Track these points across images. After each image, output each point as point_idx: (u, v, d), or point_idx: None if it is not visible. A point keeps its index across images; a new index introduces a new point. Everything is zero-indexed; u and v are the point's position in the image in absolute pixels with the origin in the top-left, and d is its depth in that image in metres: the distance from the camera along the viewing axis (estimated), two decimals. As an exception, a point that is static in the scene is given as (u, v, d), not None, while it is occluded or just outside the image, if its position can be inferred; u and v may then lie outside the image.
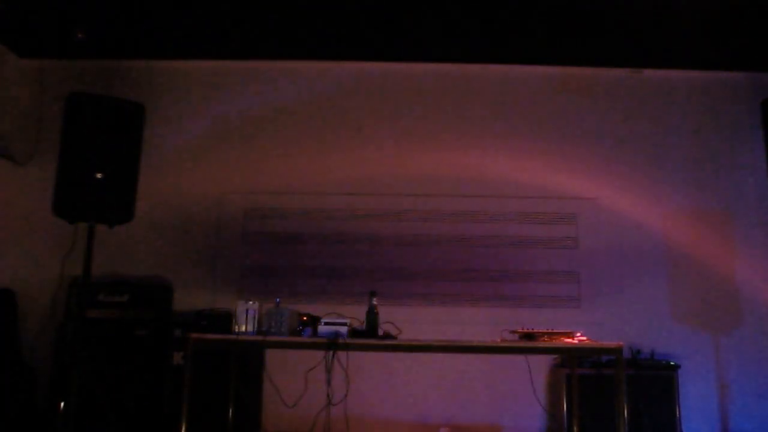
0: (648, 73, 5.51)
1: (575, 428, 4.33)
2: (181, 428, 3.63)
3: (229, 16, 4.83)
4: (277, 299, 3.89)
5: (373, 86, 5.53)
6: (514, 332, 3.85)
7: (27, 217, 5.26)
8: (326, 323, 3.70)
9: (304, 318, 3.87)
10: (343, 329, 3.65)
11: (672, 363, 4.75)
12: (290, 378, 4.53)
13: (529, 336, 3.78)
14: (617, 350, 3.64)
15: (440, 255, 5.25)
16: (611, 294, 5.16)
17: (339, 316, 3.79)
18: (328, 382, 3.75)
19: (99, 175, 3.74)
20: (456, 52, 5.34)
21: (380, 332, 3.79)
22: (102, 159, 3.77)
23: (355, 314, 3.88)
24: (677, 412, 4.61)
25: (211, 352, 4.35)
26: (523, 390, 4.42)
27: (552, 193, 5.32)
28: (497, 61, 5.46)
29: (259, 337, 3.71)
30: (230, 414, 4.30)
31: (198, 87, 5.55)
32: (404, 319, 3.94)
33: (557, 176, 5.33)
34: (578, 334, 3.81)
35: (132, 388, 4.58)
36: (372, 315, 3.79)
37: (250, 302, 3.82)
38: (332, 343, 3.61)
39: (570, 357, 4.54)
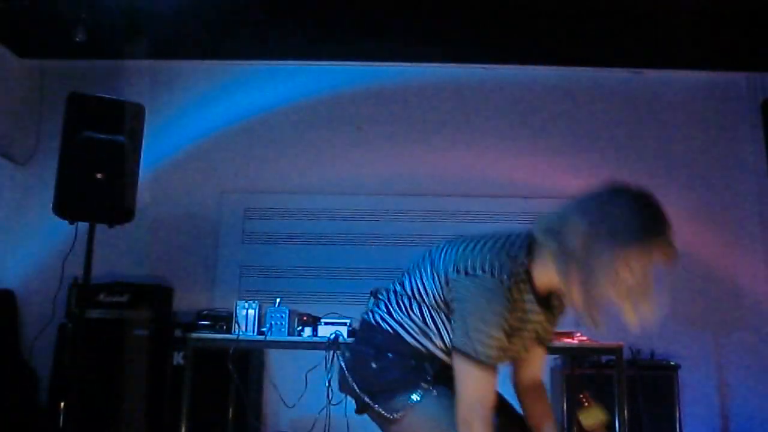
0: (648, 73, 5.51)
1: (575, 428, 4.33)
2: (181, 428, 3.63)
3: (229, 16, 4.83)
4: (277, 299, 3.88)
5: (373, 86, 5.52)
6: (514, 332, 3.84)
7: (27, 217, 5.26)
8: (326, 323, 3.71)
9: (304, 318, 3.86)
10: (343, 329, 3.65)
11: (672, 363, 4.73)
12: (290, 378, 4.53)
13: (529, 336, 3.77)
14: (617, 350, 3.65)
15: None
16: (611, 294, 5.14)
17: (339, 316, 3.78)
18: (328, 383, 3.74)
19: (99, 175, 3.73)
20: (456, 52, 5.34)
21: (380, 332, 3.78)
22: (102, 159, 3.76)
23: (355, 314, 3.86)
24: (677, 412, 4.61)
25: (211, 353, 4.34)
26: (523, 390, 4.40)
27: (552, 193, 5.30)
28: (498, 61, 5.45)
29: (259, 338, 3.71)
30: (230, 414, 4.30)
31: (198, 87, 5.55)
32: (404, 319, 3.94)
33: (558, 176, 5.32)
34: (578, 334, 3.80)
35: (132, 388, 4.57)
36: (372, 315, 3.79)
37: (250, 302, 3.82)
38: (332, 343, 3.61)
39: (570, 357, 4.54)
